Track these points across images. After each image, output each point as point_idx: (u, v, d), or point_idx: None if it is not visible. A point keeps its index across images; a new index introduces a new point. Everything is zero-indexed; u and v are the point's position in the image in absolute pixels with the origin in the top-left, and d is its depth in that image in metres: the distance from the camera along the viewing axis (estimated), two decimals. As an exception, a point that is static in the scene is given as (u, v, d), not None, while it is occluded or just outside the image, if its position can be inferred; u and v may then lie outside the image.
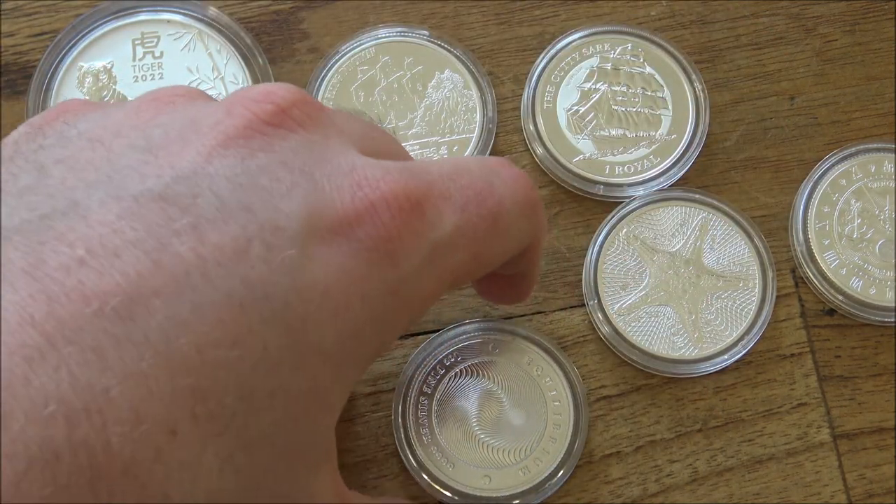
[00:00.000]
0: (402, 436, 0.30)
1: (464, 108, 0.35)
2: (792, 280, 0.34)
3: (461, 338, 0.32)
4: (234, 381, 0.19)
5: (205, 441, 0.18)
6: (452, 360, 0.31)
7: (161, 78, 0.35)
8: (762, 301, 0.33)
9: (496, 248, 0.25)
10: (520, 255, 0.26)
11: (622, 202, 0.34)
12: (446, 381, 0.31)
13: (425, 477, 0.30)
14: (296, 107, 0.22)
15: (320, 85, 0.35)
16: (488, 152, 0.34)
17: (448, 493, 0.30)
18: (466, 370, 0.31)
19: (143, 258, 0.18)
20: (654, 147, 0.34)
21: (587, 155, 0.34)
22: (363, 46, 0.35)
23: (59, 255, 0.18)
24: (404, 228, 0.21)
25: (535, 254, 0.27)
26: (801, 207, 0.34)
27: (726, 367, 0.32)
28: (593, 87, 0.35)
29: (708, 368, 0.32)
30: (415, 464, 0.30)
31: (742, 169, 0.35)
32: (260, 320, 0.19)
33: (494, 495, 0.30)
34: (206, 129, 0.21)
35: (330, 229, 0.21)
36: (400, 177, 0.22)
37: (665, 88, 0.35)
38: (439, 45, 0.35)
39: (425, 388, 0.31)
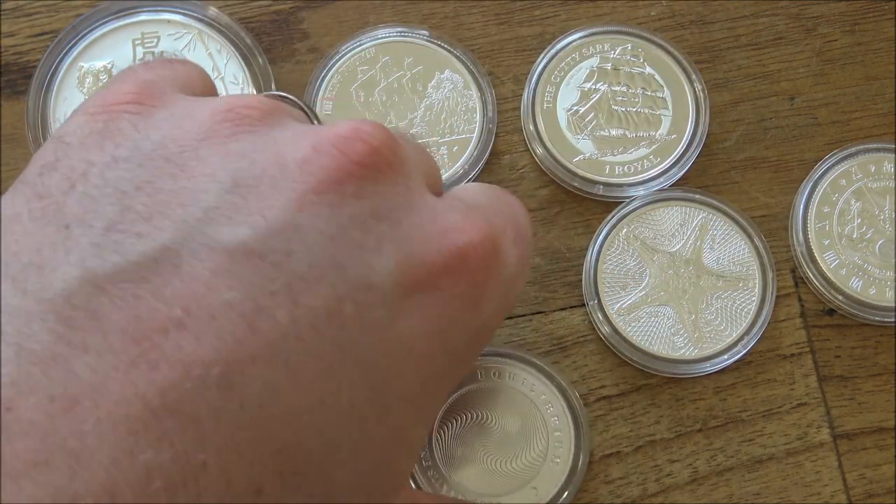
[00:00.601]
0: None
1: (464, 108, 0.35)
2: (792, 280, 0.34)
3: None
4: (319, 438, 0.19)
5: (287, 494, 0.18)
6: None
7: (161, 78, 0.35)
8: (762, 301, 0.33)
9: (529, 271, 0.25)
10: None
11: (622, 202, 0.34)
12: (444, 437, 0.31)
13: None
14: (384, 146, 0.21)
15: (320, 85, 0.35)
16: (488, 152, 0.34)
17: None
18: (468, 396, 0.31)
19: (239, 322, 0.18)
20: (654, 147, 0.34)
21: (587, 155, 0.34)
22: (363, 46, 0.35)
23: (157, 314, 0.18)
24: (489, 273, 0.22)
25: None
26: (801, 207, 0.34)
27: (726, 367, 0.32)
28: (593, 87, 0.35)
29: (708, 368, 0.32)
30: None
31: (742, 169, 0.35)
32: (347, 380, 0.19)
33: None
34: (295, 170, 0.20)
35: (419, 282, 0.20)
36: (476, 220, 0.22)
37: (665, 88, 0.35)
38: (439, 45, 0.35)
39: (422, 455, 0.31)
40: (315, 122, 0.25)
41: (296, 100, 0.26)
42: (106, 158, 0.20)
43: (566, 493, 0.30)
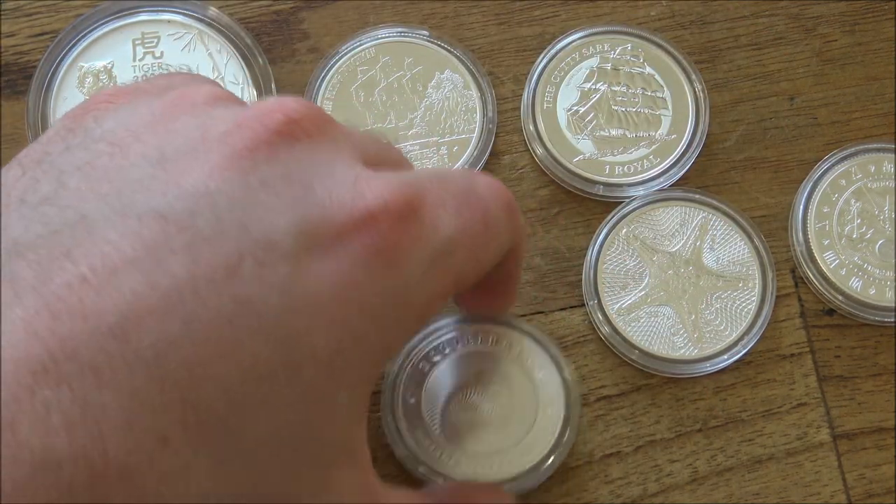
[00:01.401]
0: (394, 429, 0.31)
1: (464, 109, 0.35)
2: (792, 280, 0.34)
3: (440, 332, 0.31)
4: (223, 392, 0.19)
5: (196, 447, 0.19)
6: (429, 358, 0.31)
7: (161, 78, 0.35)
8: (762, 301, 0.33)
9: (490, 248, 0.25)
10: (502, 259, 0.26)
11: (622, 202, 0.34)
12: (430, 377, 0.31)
13: (422, 470, 0.30)
14: (305, 117, 0.22)
15: (320, 85, 0.35)
16: (488, 152, 0.34)
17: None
18: (451, 362, 0.31)
19: (138, 277, 0.19)
20: (653, 147, 0.34)
21: (587, 155, 0.34)
22: (363, 46, 0.35)
23: (65, 273, 0.19)
24: (404, 235, 0.22)
25: (516, 256, 0.27)
26: (801, 207, 0.34)
27: (726, 367, 0.32)
28: (593, 87, 0.35)
29: (708, 368, 0.32)
30: (406, 453, 0.30)
31: (742, 169, 0.35)
32: (249, 335, 0.20)
33: (493, 478, 0.30)
34: (214, 143, 0.21)
35: (327, 240, 0.21)
36: (399, 186, 0.22)
37: (665, 88, 0.35)
38: (439, 46, 0.35)
39: (409, 398, 0.31)
40: None
41: None
42: (60, 148, 0.22)
43: (562, 445, 0.31)
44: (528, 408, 0.31)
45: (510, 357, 0.31)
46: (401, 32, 0.35)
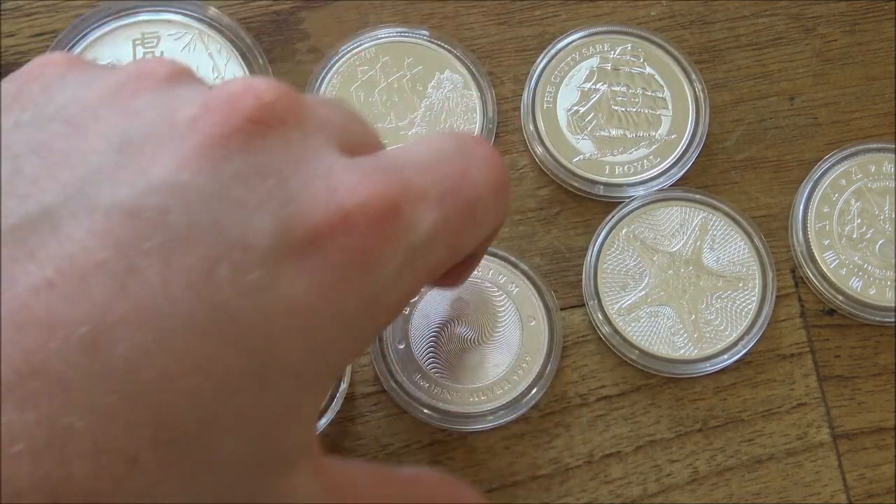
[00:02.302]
0: (389, 375, 0.31)
1: (464, 108, 0.35)
2: (792, 280, 0.34)
3: None
4: (196, 407, 0.18)
5: (165, 465, 0.18)
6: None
7: (161, 78, 0.35)
8: (762, 301, 0.33)
9: (471, 236, 0.24)
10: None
11: (622, 202, 0.34)
12: (413, 319, 0.32)
13: (426, 412, 0.31)
14: (278, 101, 0.21)
15: (320, 85, 0.35)
16: (488, 152, 0.34)
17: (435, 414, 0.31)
18: (429, 300, 0.32)
19: (109, 283, 0.17)
20: (654, 147, 0.34)
21: (587, 155, 0.34)
22: (363, 46, 0.35)
23: (30, 277, 0.17)
24: (381, 237, 0.21)
25: (491, 238, 0.26)
26: (801, 207, 0.34)
27: (726, 367, 0.32)
28: (593, 87, 0.35)
29: (708, 368, 0.32)
30: (406, 398, 0.31)
31: (742, 169, 0.35)
32: (223, 344, 0.18)
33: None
34: (183, 128, 0.20)
35: (303, 242, 0.20)
36: (377, 180, 0.21)
37: (665, 88, 0.35)
38: (439, 46, 0.35)
39: (398, 344, 0.32)
40: None
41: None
42: (9, 123, 0.20)
43: (552, 355, 0.32)
44: (511, 325, 0.31)
45: (483, 280, 0.32)
46: (401, 32, 0.35)
